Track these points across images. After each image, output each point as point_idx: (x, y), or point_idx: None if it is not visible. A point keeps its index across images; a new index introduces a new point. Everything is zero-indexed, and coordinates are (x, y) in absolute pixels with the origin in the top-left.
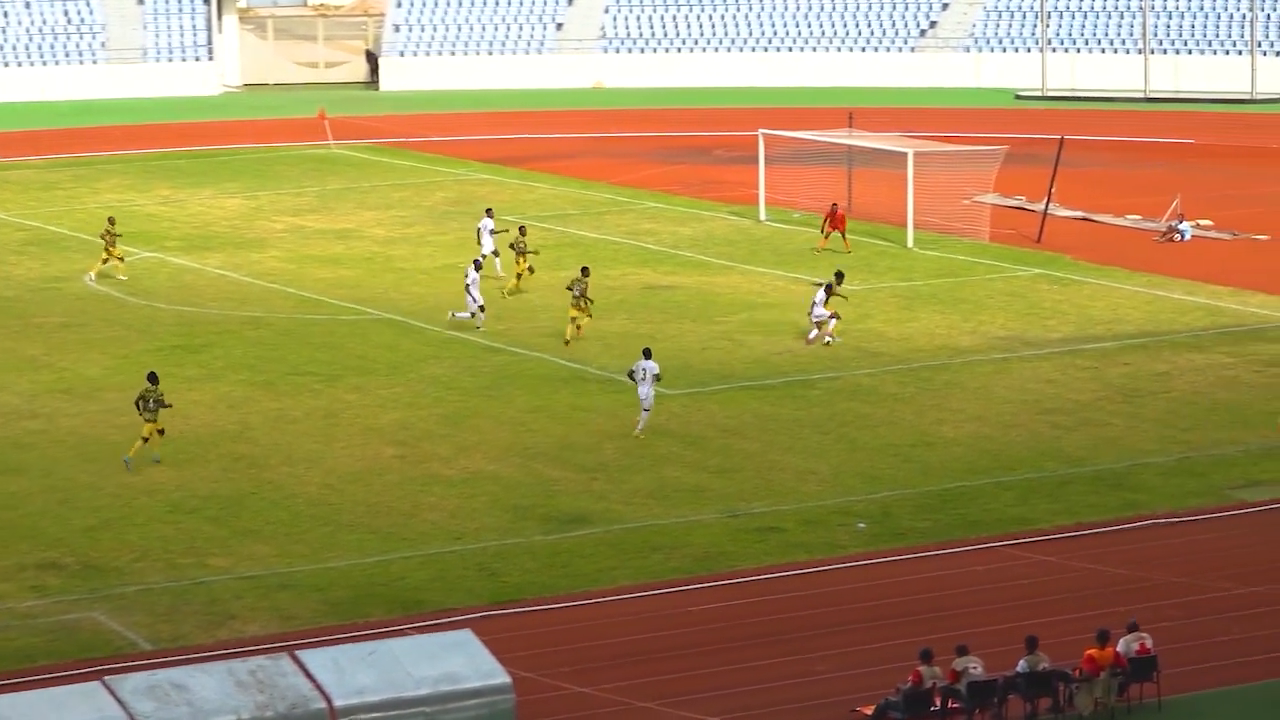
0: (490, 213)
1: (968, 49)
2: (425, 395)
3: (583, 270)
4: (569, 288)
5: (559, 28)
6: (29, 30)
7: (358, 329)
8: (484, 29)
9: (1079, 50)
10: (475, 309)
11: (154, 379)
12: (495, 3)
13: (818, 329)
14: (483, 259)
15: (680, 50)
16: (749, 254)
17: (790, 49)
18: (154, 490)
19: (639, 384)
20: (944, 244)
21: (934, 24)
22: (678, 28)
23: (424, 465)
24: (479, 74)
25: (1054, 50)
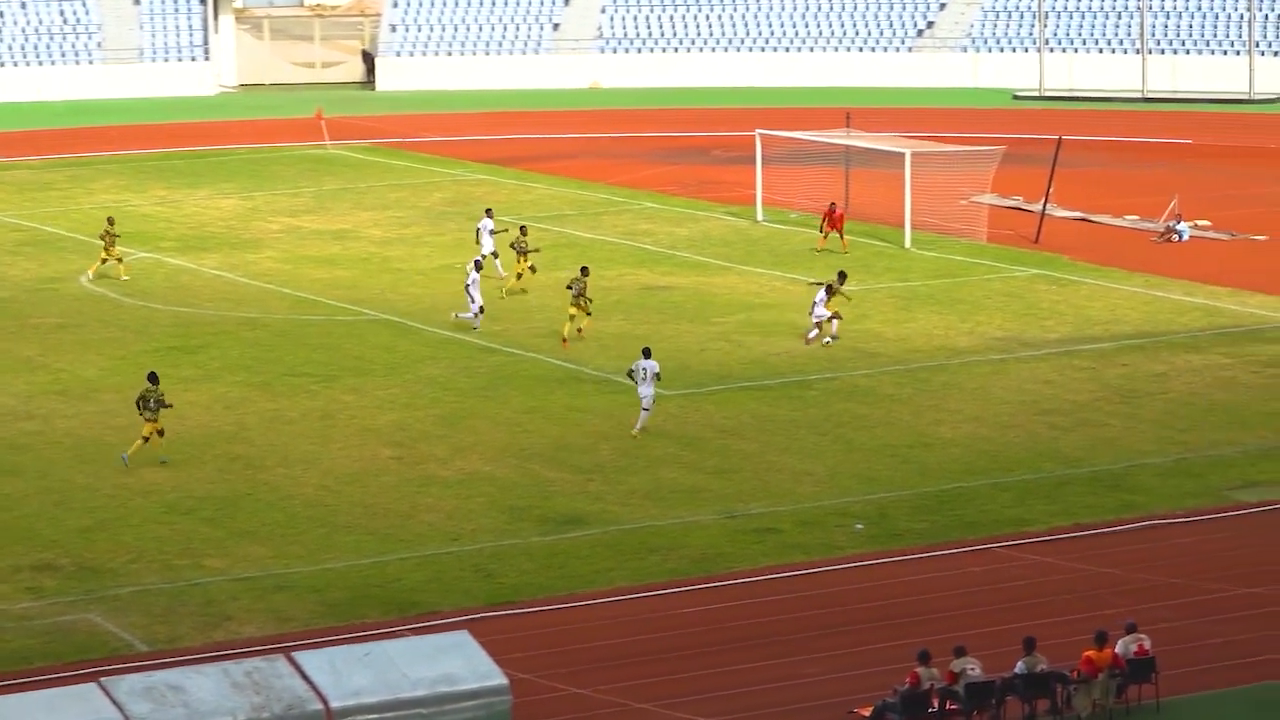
0: (490, 213)
1: (965, 49)
2: (422, 396)
3: (582, 270)
4: (569, 287)
5: (556, 28)
6: (25, 30)
7: (354, 330)
8: (480, 29)
9: (1076, 50)
10: (475, 310)
11: (154, 379)
12: (492, 3)
13: (818, 329)
14: (482, 259)
15: (677, 50)
16: (746, 254)
17: (787, 49)
18: (150, 491)
19: (639, 383)
20: (941, 244)
21: (931, 24)
22: (674, 28)
23: (421, 466)
24: (476, 74)
25: (1051, 50)
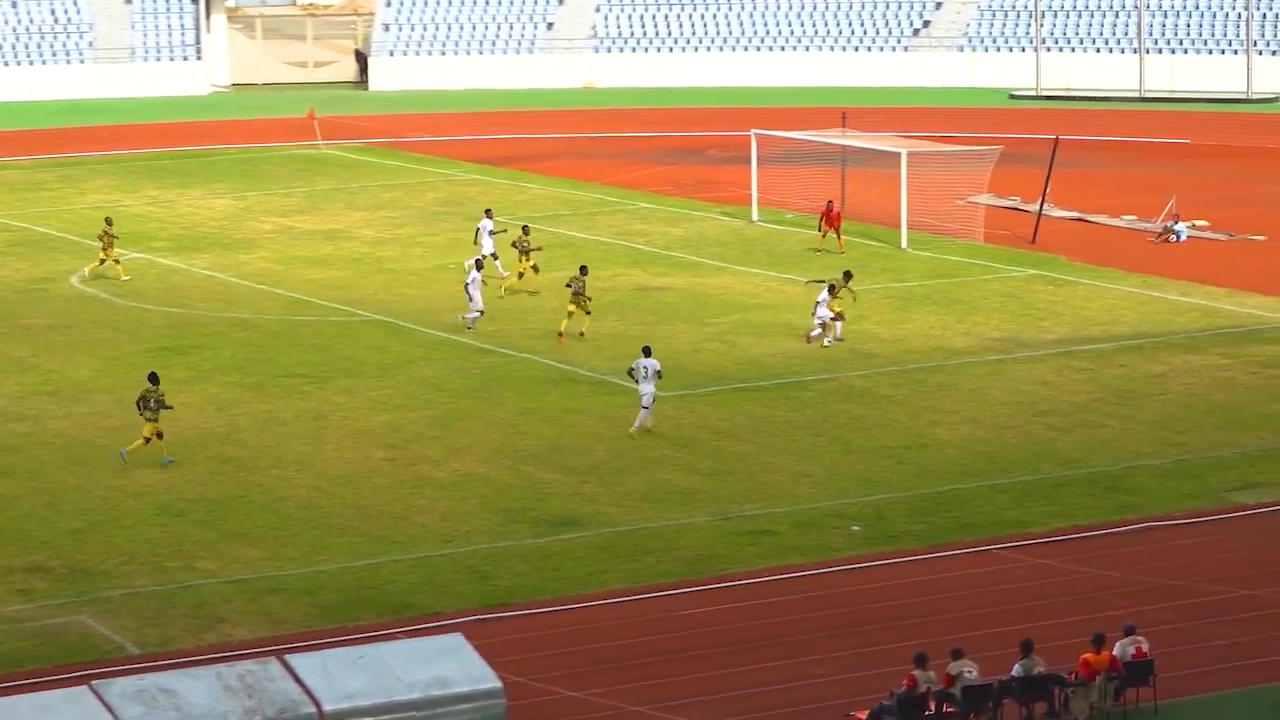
0: (489, 213)
1: (961, 48)
2: (415, 397)
3: (581, 269)
4: (568, 285)
5: (550, 27)
6: (15, 29)
7: (347, 330)
8: (474, 28)
9: (1073, 50)
10: (475, 312)
11: (154, 379)
12: (485, 2)
13: (821, 328)
14: (483, 259)
15: (672, 50)
16: (741, 255)
17: (783, 48)
18: (142, 493)
19: (640, 382)
20: (938, 245)
21: (927, 23)
22: (669, 27)
23: (414, 468)
24: (469, 74)
25: (1048, 49)
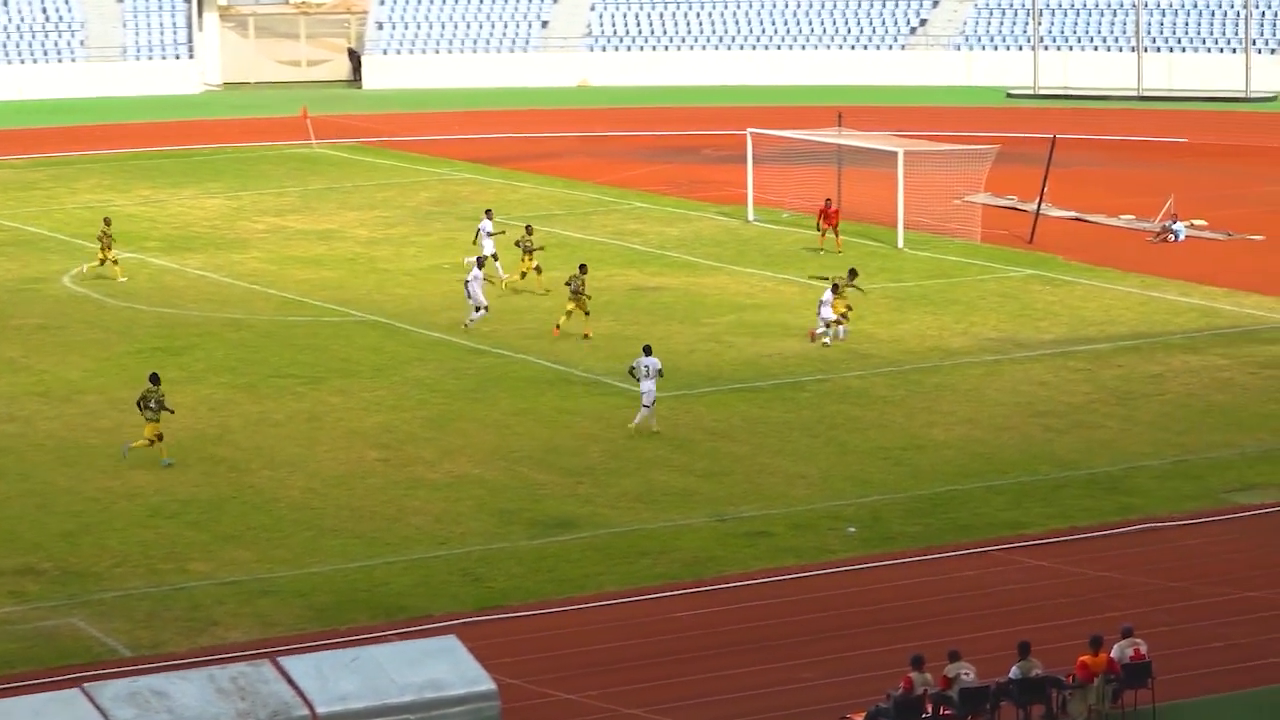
0: (489, 214)
1: (959, 47)
2: (409, 398)
3: (581, 267)
4: (567, 284)
5: (544, 25)
6: (6, 28)
7: (341, 331)
8: (468, 27)
9: (1071, 48)
10: (478, 309)
11: (155, 380)
12: (479, 1)
13: (826, 327)
14: (484, 258)
15: (667, 48)
16: (737, 255)
17: (779, 47)
18: (134, 494)
19: (641, 380)
20: (935, 244)
21: (924, 21)
22: (664, 26)
23: (408, 469)
24: (463, 72)
25: (1046, 48)
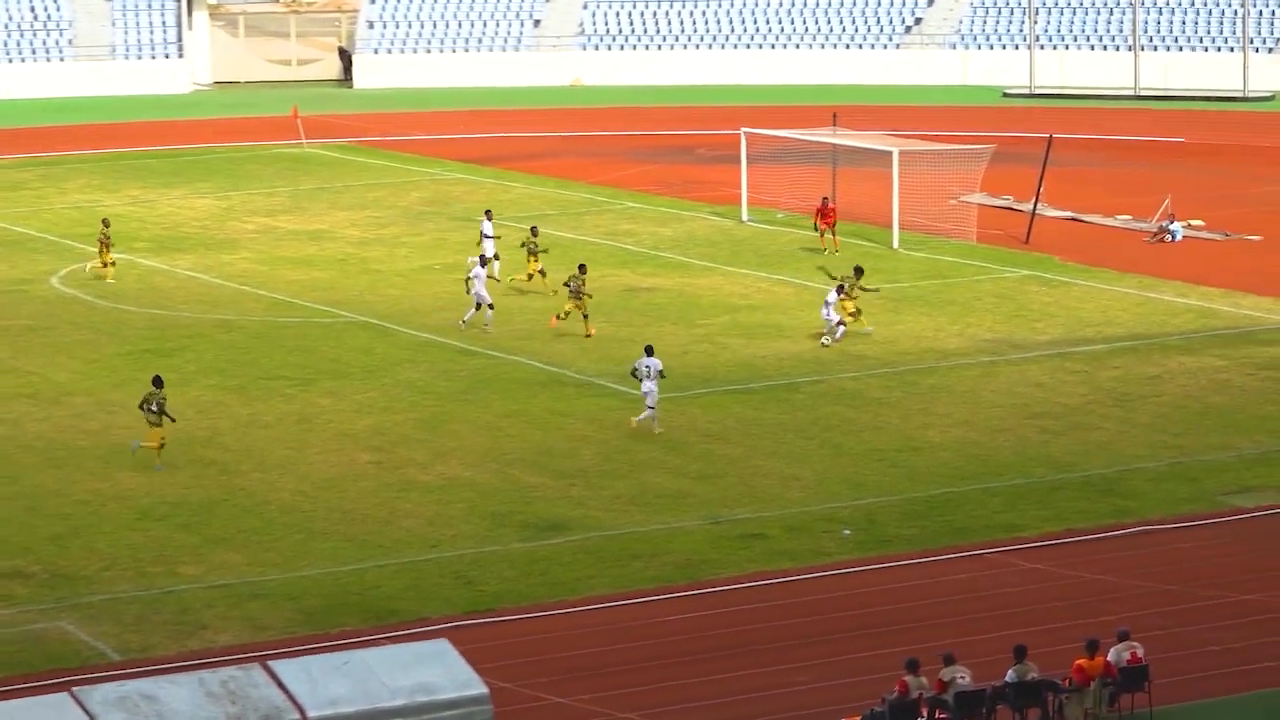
0: (489, 214)
1: (954, 46)
2: (401, 400)
3: (580, 267)
4: (566, 284)
5: (536, 24)
6: None
7: (331, 332)
8: (460, 26)
9: (1067, 47)
10: (483, 306)
11: (158, 382)
12: None
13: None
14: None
15: (660, 47)
16: (731, 255)
17: (773, 46)
18: (123, 497)
19: (642, 381)
20: (930, 245)
21: (919, 20)
22: (658, 24)
23: (399, 471)
24: (455, 71)
25: (1042, 47)
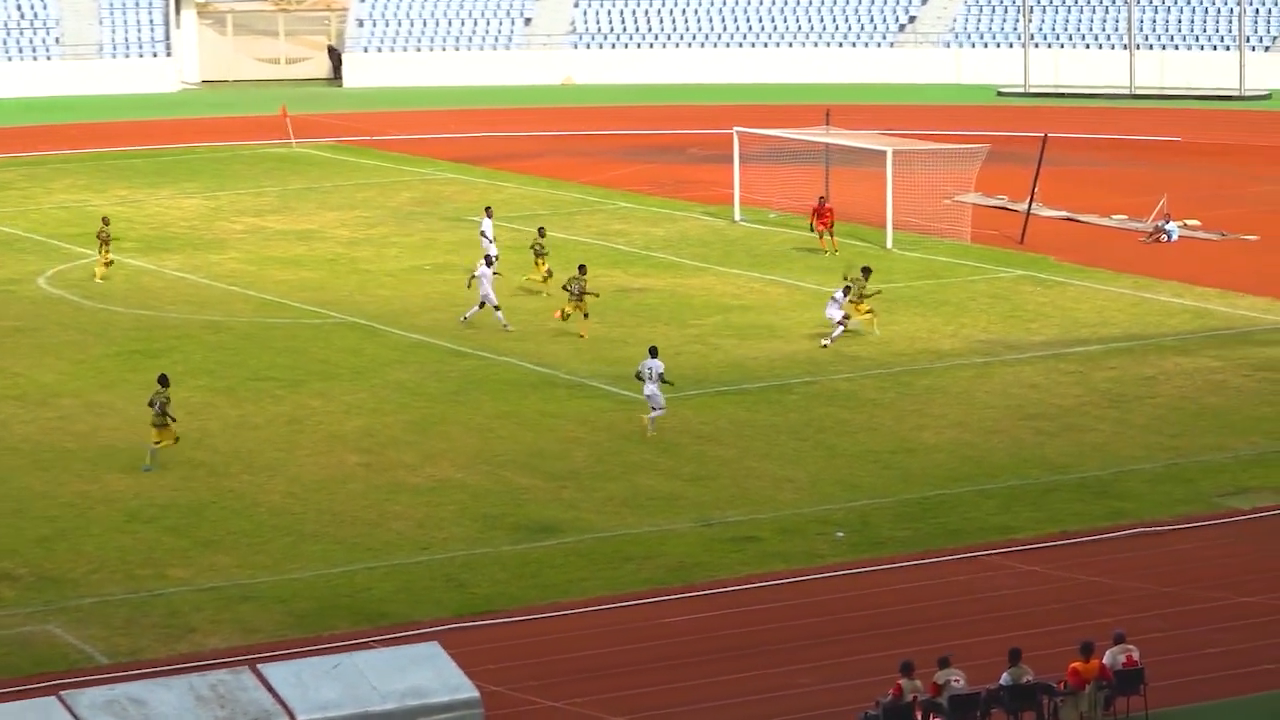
0: (489, 212)
1: (948, 44)
2: (390, 401)
3: (580, 268)
4: (565, 287)
5: (527, 22)
6: None
7: (321, 333)
8: (450, 24)
9: (1062, 45)
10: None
11: (164, 381)
12: None
13: (845, 327)
14: (494, 257)
15: (652, 46)
16: (723, 255)
17: (766, 44)
18: (111, 499)
19: (644, 383)
20: (925, 245)
21: (914, 18)
22: (650, 22)
23: (390, 473)
24: (445, 70)
25: (1037, 45)
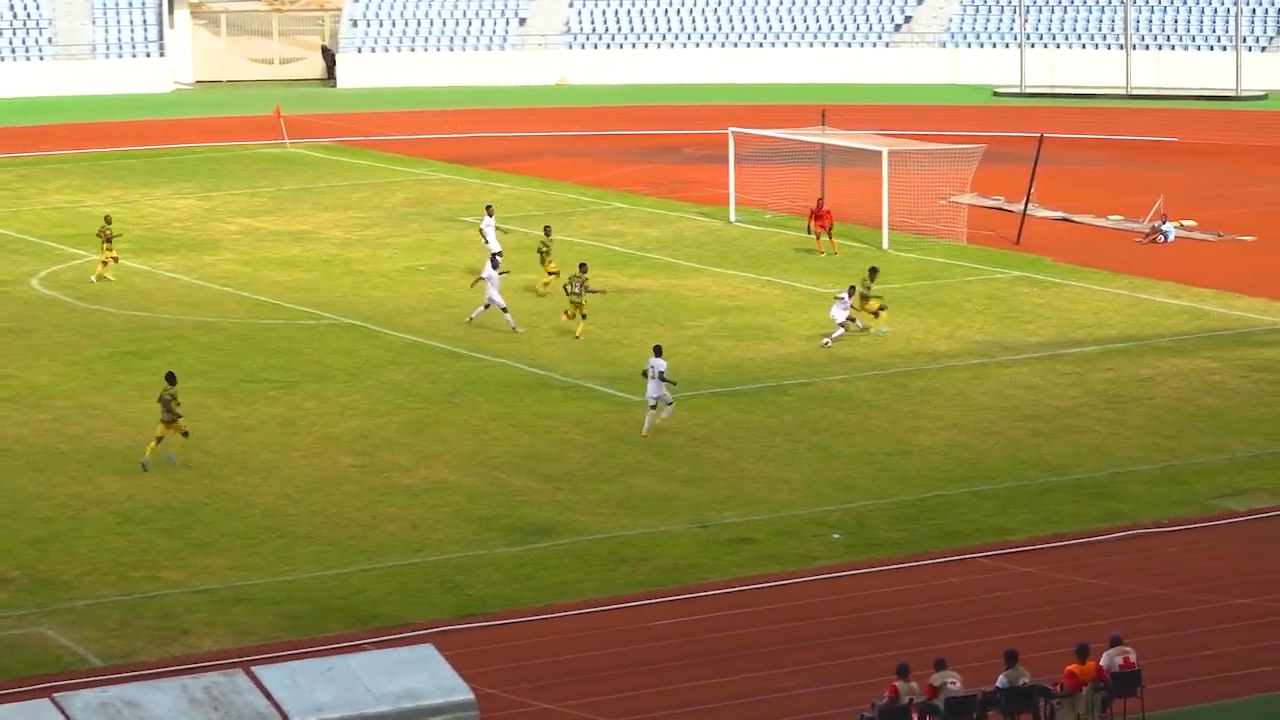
0: (490, 210)
1: (944, 44)
2: (385, 402)
3: (581, 266)
4: (566, 289)
5: (522, 23)
6: None
7: (315, 334)
8: (444, 24)
9: (1059, 45)
10: (498, 309)
11: (171, 379)
12: None
13: (853, 322)
14: (499, 257)
15: (647, 46)
16: (719, 256)
17: (762, 44)
18: (104, 501)
19: (648, 381)
20: (920, 246)
21: (909, 18)
22: (644, 22)
23: (384, 475)
24: (439, 70)
25: (1033, 45)
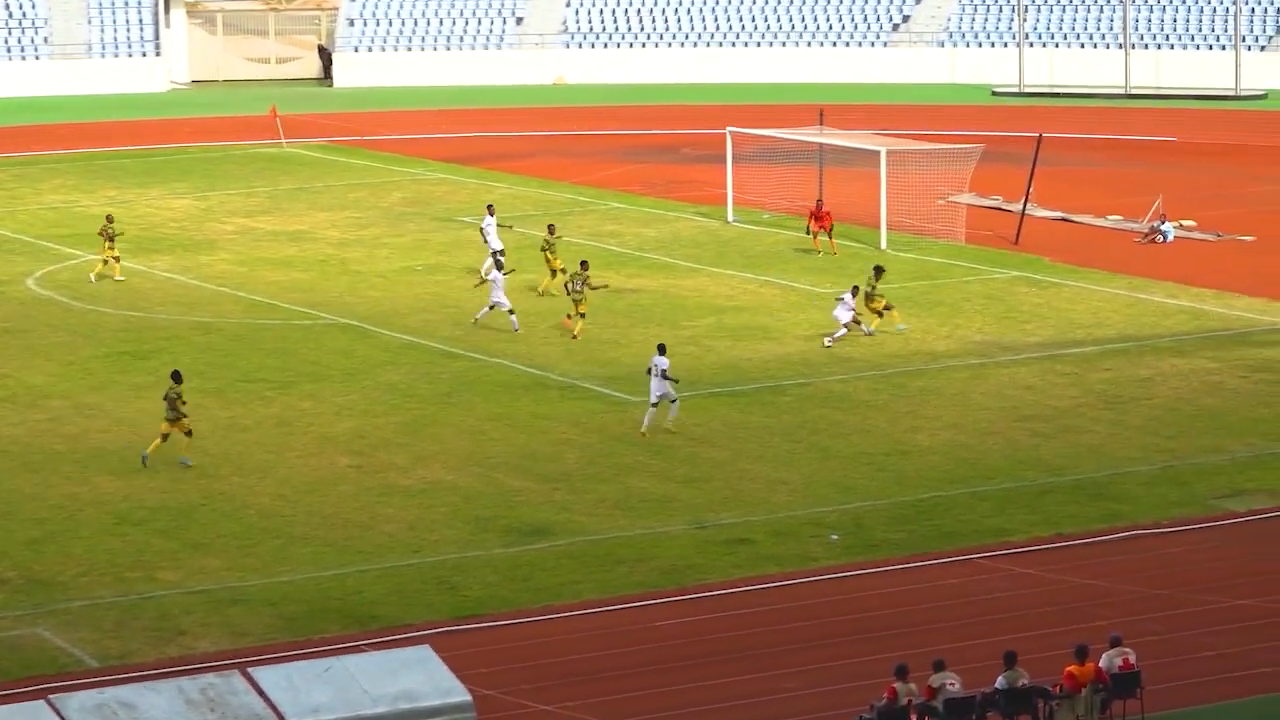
0: (491, 209)
1: (942, 43)
2: (381, 403)
3: (582, 264)
4: (566, 286)
5: (519, 22)
6: None
7: (311, 334)
8: (441, 23)
9: (1057, 45)
10: (498, 308)
11: (176, 378)
12: None
13: (858, 324)
14: (502, 257)
15: (645, 45)
16: (716, 256)
17: (759, 44)
18: (100, 502)
19: (652, 379)
20: (919, 245)
21: (907, 18)
22: (642, 22)
23: (381, 475)
24: (436, 70)
25: (1031, 45)
